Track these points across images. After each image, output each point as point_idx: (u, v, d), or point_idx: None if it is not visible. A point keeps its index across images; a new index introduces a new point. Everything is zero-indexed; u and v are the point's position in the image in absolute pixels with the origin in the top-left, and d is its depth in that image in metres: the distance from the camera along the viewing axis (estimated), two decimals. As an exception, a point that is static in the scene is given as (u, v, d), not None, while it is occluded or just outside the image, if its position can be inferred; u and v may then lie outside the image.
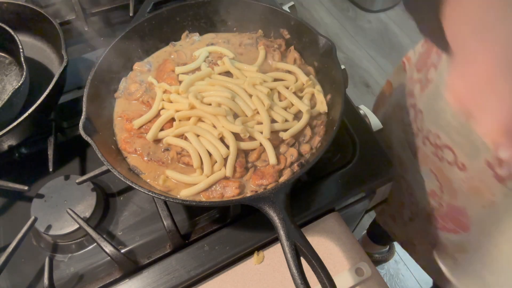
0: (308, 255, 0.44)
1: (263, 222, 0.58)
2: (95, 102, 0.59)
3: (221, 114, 0.58)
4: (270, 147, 0.57)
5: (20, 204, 0.64)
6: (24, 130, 0.63)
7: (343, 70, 0.61)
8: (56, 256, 0.60)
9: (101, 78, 0.61)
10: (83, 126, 0.53)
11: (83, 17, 0.83)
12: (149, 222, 0.63)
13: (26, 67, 0.63)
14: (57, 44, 0.70)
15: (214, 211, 0.64)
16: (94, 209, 0.60)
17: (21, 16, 0.73)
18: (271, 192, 0.49)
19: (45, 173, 0.65)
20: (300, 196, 0.63)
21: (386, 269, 1.63)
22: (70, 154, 0.69)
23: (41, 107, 0.60)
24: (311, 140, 0.60)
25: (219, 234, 0.60)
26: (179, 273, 0.57)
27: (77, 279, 0.58)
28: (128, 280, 0.57)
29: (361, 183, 0.65)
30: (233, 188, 0.55)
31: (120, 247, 0.60)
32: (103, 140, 0.57)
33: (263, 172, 0.57)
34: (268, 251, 0.61)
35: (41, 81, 0.70)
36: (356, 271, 0.59)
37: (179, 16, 0.69)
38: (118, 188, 0.66)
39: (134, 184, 0.50)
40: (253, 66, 0.66)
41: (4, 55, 0.74)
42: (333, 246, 0.62)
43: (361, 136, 0.69)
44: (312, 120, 0.61)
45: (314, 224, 0.64)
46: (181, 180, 0.56)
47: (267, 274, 0.60)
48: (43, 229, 0.58)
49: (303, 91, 0.64)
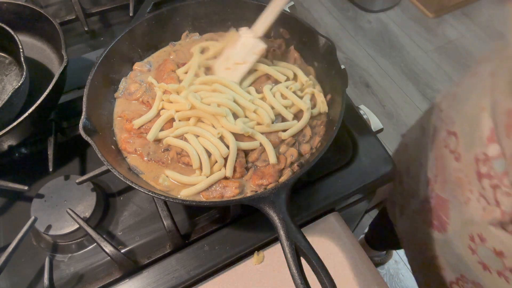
0: (308, 255, 0.44)
1: (263, 222, 0.59)
2: (95, 102, 0.59)
3: (221, 114, 0.58)
4: (270, 147, 0.57)
5: (20, 204, 0.64)
6: (24, 130, 0.63)
7: (343, 70, 0.61)
8: (56, 256, 0.60)
9: (101, 78, 0.61)
10: (83, 126, 0.53)
11: (83, 17, 0.83)
12: (149, 222, 0.63)
13: (26, 67, 0.63)
14: (57, 44, 0.70)
15: (214, 211, 0.64)
16: (94, 209, 0.60)
17: (21, 16, 0.73)
18: (271, 192, 0.49)
19: (45, 173, 0.65)
20: (300, 196, 0.63)
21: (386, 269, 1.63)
22: (70, 154, 0.69)
23: (41, 107, 0.60)
24: (311, 140, 0.60)
25: (219, 234, 0.60)
26: (179, 273, 0.57)
27: (77, 279, 0.58)
28: (128, 280, 0.57)
29: (361, 183, 0.65)
30: (233, 188, 0.55)
31: (120, 247, 0.60)
32: (103, 140, 0.57)
33: (263, 172, 0.57)
34: (268, 251, 0.61)
35: (41, 81, 0.70)
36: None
37: (179, 16, 0.69)
38: (118, 188, 0.66)
39: (134, 184, 0.50)
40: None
41: (4, 55, 0.74)
42: (333, 246, 0.62)
43: (361, 136, 0.69)
44: (312, 120, 0.61)
45: (314, 224, 0.64)
46: (180, 180, 0.56)
47: (267, 274, 0.60)
48: (43, 229, 0.58)
49: (303, 91, 0.64)
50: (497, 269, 0.61)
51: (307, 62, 0.68)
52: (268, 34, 0.71)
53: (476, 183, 0.60)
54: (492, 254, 0.60)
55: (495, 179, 0.56)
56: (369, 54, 2.24)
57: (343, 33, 2.34)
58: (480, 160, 0.58)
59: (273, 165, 0.56)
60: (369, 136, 0.70)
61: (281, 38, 0.70)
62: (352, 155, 0.68)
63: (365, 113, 0.74)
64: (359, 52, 2.25)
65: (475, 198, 0.61)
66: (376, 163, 0.67)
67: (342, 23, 2.38)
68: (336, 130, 0.54)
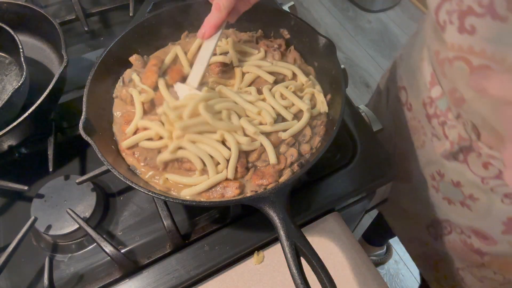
0: (308, 255, 0.44)
1: (263, 222, 0.58)
2: (95, 102, 0.59)
3: (236, 128, 0.57)
4: (271, 147, 0.57)
5: (20, 204, 0.64)
6: (24, 130, 0.63)
7: (343, 70, 0.61)
8: (56, 256, 0.60)
9: (101, 78, 0.61)
10: (83, 126, 0.53)
11: (83, 17, 0.83)
12: (149, 222, 0.63)
13: (26, 67, 0.63)
14: (57, 44, 0.70)
15: (214, 211, 0.64)
16: (94, 209, 0.60)
17: (21, 16, 0.73)
18: (271, 192, 0.49)
19: (45, 173, 0.65)
20: (300, 196, 0.63)
21: (386, 269, 1.63)
22: (70, 154, 0.69)
23: (41, 107, 0.60)
24: (311, 140, 0.60)
25: (219, 234, 0.60)
26: (179, 273, 0.57)
27: (77, 279, 0.58)
28: (128, 280, 0.57)
29: (361, 183, 0.65)
30: (233, 188, 0.55)
31: (120, 247, 0.60)
32: (103, 140, 0.57)
33: (263, 172, 0.57)
34: (268, 251, 0.61)
35: (41, 81, 0.70)
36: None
37: (179, 16, 0.69)
38: (118, 188, 0.66)
39: (134, 184, 0.50)
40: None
41: (4, 55, 0.74)
42: (333, 246, 0.62)
43: (361, 136, 0.69)
44: (312, 120, 0.61)
45: (314, 224, 0.64)
46: (181, 181, 0.56)
47: (267, 274, 0.60)
48: (43, 229, 0.58)
49: (303, 91, 0.64)
50: (459, 199, 0.67)
51: (307, 62, 0.68)
52: (268, 34, 0.71)
53: (427, 125, 0.67)
54: (452, 186, 0.67)
55: (442, 116, 0.62)
56: (369, 54, 2.24)
57: (343, 33, 2.34)
58: (427, 103, 0.65)
59: (273, 165, 0.56)
60: (369, 136, 0.70)
61: (281, 38, 0.70)
62: (352, 155, 0.68)
63: (365, 113, 0.74)
64: (359, 52, 2.25)
65: (429, 139, 0.68)
66: (376, 163, 0.67)
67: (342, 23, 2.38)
68: (336, 130, 0.54)
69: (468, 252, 0.75)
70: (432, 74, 0.63)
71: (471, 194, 0.64)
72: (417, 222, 0.85)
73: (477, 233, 0.69)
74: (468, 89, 0.51)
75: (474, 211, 0.66)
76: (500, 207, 0.61)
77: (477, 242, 0.70)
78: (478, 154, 0.58)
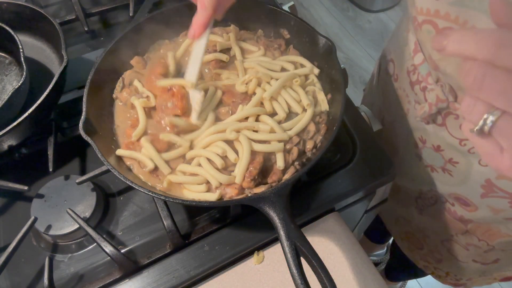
0: (308, 255, 0.44)
1: (263, 222, 0.58)
2: (95, 102, 0.59)
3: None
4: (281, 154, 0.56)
5: (20, 204, 0.64)
6: (24, 130, 0.63)
7: (343, 70, 0.61)
8: (56, 256, 0.60)
9: (101, 78, 0.61)
10: (83, 126, 0.53)
11: (83, 17, 0.83)
12: (149, 222, 0.63)
13: (26, 67, 0.63)
14: (57, 44, 0.70)
15: (214, 211, 0.64)
16: (94, 209, 0.60)
17: (21, 16, 0.72)
18: (271, 192, 0.49)
19: (45, 173, 0.65)
20: (300, 196, 0.63)
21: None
22: (70, 154, 0.69)
23: (41, 107, 0.60)
24: (314, 136, 0.60)
25: (219, 234, 0.60)
26: (179, 273, 0.57)
27: (77, 279, 0.58)
28: (128, 280, 0.57)
29: (361, 183, 0.65)
30: (234, 188, 0.55)
31: (120, 247, 0.60)
32: (103, 140, 0.57)
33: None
34: (268, 251, 0.61)
35: (41, 81, 0.70)
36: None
37: (179, 16, 0.69)
38: (118, 188, 0.66)
39: (134, 184, 0.50)
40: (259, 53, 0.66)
41: (4, 55, 0.74)
42: (333, 246, 0.62)
43: (361, 136, 0.69)
44: (315, 117, 0.61)
45: (314, 224, 0.64)
46: (188, 197, 0.55)
47: (267, 274, 0.60)
48: (43, 229, 0.58)
49: (305, 88, 0.64)
50: (440, 165, 0.69)
51: (307, 62, 0.68)
52: (268, 34, 0.71)
53: (411, 92, 0.68)
54: (433, 151, 0.68)
55: (423, 82, 0.64)
56: (369, 54, 2.24)
57: (343, 33, 2.34)
58: (411, 71, 0.67)
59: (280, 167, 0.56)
60: (369, 136, 0.70)
61: (281, 38, 0.70)
62: (352, 155, 0.68)
63: (365, 113, 0.74)
64: (359, 52, 2.25)
65: (412, 106, 0.69)
66: (376, 163, 0.67)
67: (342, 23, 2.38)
68: (336, 130, 0.54)
69: (452, 221, 0.77)
70: (416, 42, 0.65)
71: (451, 158, 0.65)
72: (407, 197, 0.87)
73: (459, 199, 0.71)
74: (434, 51, 0.53)
75: (455, 176, 0.67)
76: (478, 169, 0.62)
77: (460, 209, 0.73)
78: (455, 116, 0.59)
